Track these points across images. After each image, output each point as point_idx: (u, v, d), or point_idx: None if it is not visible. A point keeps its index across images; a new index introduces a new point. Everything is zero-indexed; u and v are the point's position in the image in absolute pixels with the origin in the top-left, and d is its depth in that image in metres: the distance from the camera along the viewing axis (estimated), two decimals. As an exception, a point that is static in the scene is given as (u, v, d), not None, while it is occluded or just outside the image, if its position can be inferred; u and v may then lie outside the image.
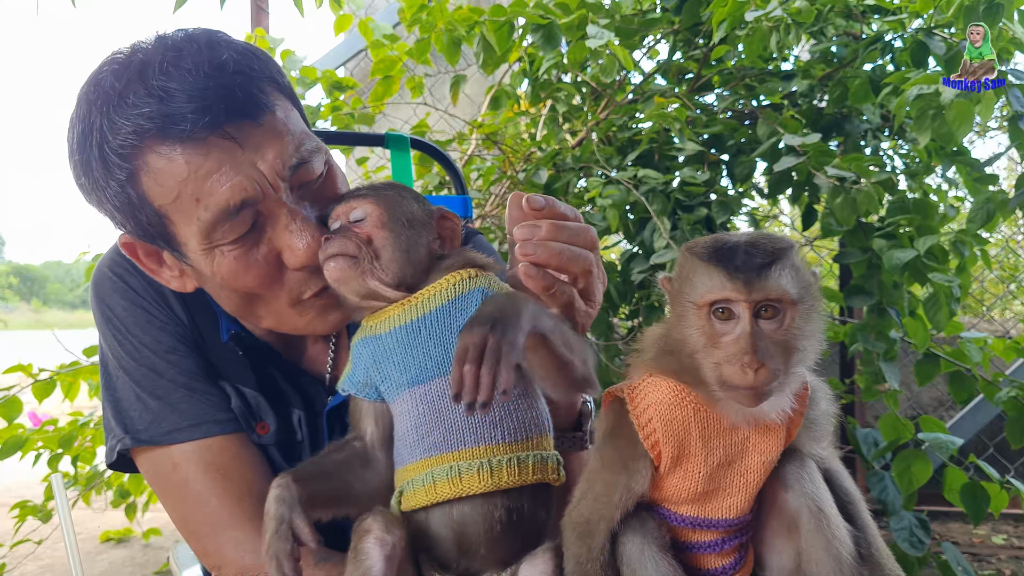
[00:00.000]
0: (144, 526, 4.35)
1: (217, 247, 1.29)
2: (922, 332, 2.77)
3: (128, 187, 1.26)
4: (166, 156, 1.23)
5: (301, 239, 1.28)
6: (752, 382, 1.00)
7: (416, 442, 1.20)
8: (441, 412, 1.18)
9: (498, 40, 2.75)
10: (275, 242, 1.30)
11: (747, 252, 1.02)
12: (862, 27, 3.05)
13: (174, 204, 1.26)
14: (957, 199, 3.27)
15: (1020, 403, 2.65)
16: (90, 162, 1.27)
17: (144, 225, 1.31)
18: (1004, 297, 5.64)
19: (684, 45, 3.29)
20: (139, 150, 1.23)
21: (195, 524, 1.44)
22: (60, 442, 3.42)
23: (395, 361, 1.21)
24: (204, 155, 1.23)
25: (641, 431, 1.10)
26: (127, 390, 1.48)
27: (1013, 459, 4.20)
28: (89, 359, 3.44)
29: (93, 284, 1.55)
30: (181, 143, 1.22)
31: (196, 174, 1.23)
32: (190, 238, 1.29)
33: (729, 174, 3.03)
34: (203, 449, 1.44)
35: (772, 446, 1.09)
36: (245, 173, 1.24)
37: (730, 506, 1.12)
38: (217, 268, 1.31)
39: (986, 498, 2.63)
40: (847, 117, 3.00)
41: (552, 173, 3.00)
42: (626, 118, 3.17)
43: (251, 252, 1.30)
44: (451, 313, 1.21)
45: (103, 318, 1.52)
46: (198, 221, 1.26)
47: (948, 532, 4.21)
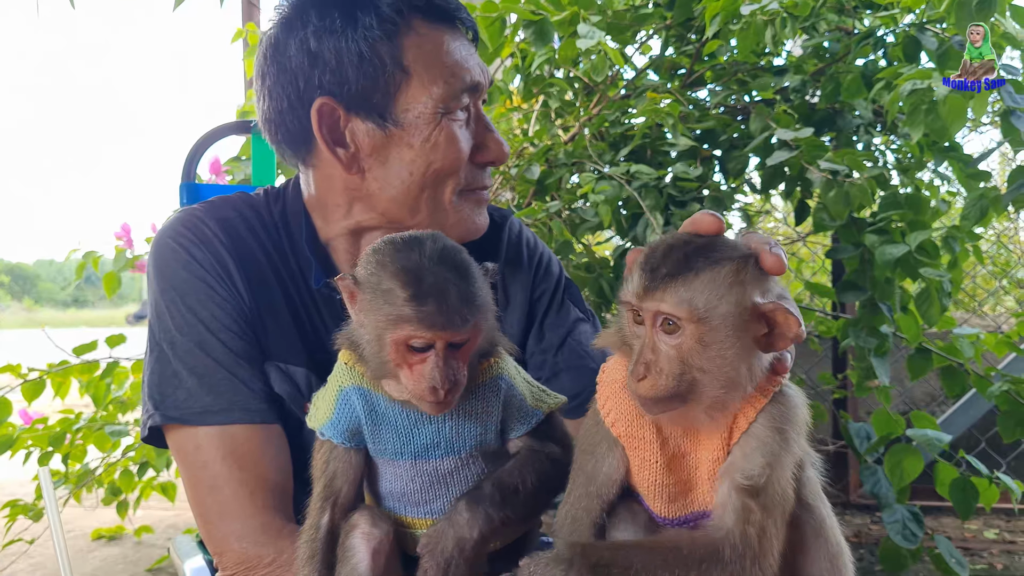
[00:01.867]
0: (136, 524, 4.34)
1: (446, 116, 1.48)
2: (914, 327, 2.78)
3: (382, 43, 1.45)
4: (427, 26, 1.49)
5: (493, 140, 1.56)
6: (636, 388, 1.00)
7: (417, 504, 1.19)
8: (448, 484, 1.18)
9: (490, 36, 2.74)
10: (473, 134, 1.54)
11: (662, 261, 1.00)
12: (854, 22, 3.05)
13: (425, 64, 1.47)
14: (950, 194, 3.27)
15: (1012, 397, 2.66)
16: (352, 17, 1.45)
17: (378, 83, 1.46)
18: (996, 292, 5.65)
19: (676, 40, 3.29)
20: (407, 15, 1.47)
21: (205, 508, 1.44)
22: (50, 440, 3.40)
23: (398, 431, 1.16)
24: (455, 38, 1.52)
25: (602, 409, 1.11)
26: (167, 365, 1.47)
27: (1005, 453, 4.22)
28: (79, 358, 3.43)
29: (153, 253, 1.55)
30: (434, 24, 1.50)
31: (450, 48, 1.50)
32: (423, 102, 1.47)
33: (722, 169, 3.03)
34: (227, 436, 1.43)
35: (715, 443, 1.06)
36: (473, 66, 1.52)
37: (692, 501, 1.09)
38: (435, 136, 1.48)
39: (975, 493, 2.64)
40: (839, 112, 3.00)
41: (544, 169, 2.99)
42: (618, 113, 3.16)
43: (463, 131, 1.52)
44: (471, 398, 1.17)
45: (159, 288, 1.51)
46: (446, 85, 1.47)
47: (941, 527, 4.22)
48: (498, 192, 3.27)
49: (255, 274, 1.53)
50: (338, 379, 1.19)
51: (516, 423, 1.21)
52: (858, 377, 2.82)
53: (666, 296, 0.98)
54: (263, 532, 1.38)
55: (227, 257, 1.52)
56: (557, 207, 2.89)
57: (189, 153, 2.18)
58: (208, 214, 1.57)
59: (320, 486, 1.19)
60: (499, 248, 1.76)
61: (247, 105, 3.49)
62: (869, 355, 2.67)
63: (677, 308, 0.97)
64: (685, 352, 0.99)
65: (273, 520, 1.40)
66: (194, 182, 2.18)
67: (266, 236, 1.60)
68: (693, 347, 0.98)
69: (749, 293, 0.99)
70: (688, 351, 0.99)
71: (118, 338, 3.46)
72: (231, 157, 3.28)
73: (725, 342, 0.98)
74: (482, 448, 1.19)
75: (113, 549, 4.30)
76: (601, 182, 2.71)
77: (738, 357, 0.99)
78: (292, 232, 1.61)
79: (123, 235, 3.66)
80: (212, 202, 1.63)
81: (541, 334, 1.72)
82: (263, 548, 1.37)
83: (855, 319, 2.76)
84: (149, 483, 3.80)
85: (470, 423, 1.17)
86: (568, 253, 2.86)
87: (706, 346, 0.98)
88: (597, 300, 2.85)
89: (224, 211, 1.59)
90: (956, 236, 2.62)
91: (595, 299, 2.84)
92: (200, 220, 1.55)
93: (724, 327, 0.98)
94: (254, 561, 1.37)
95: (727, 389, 1.00)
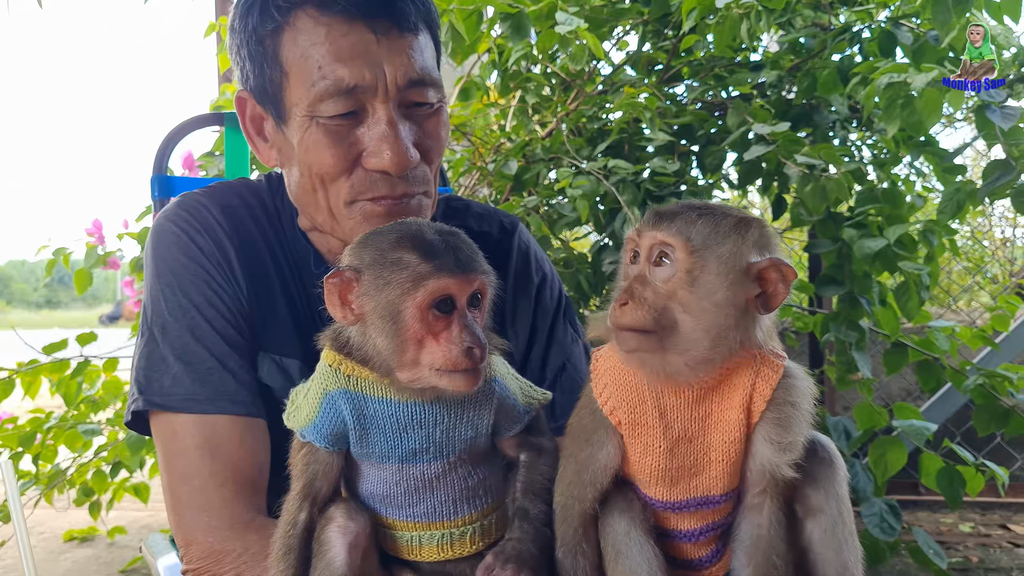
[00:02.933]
0: (109, 525, 4.29)
1: (315, 118, 1.39)
2: (892, 321, 2.79)
3: (270, 38, 1.40)
4: (313, 20, 1.37)
5: (388, 146, 1.38)
6: (616, 317, 1.01)
7: (400, 507, 1.16)
8: (434, 488, 1.15)
9: (467, 29, 2.72)
10: (364, 139, 1.40)
11: (669, 207, 1.04)
12: (830, 18, 3.06)
13: (298, 64, 1.39)
14: (926, 189, 3.30)
15: (987, 391, 2.68)
16: (251, 9, 1.42)
17: (266, 80, 1.43)
18: (970, 288, 5.70)
19: (653, 36, 3.29)
20: (294, 9, 1.38)
21: (175, 498, 1.41)
22: (20, 441, 3.35)
23: (386, 434, 1.12)
24: (344, 33, 1.37)
25: (599, 397, 1.09)
26: (155, 349, 1.45)
27: (980, 447, 4.25)
28: (49, 356, 3.37)
29: (152, 237, 1.54)
30: (331, 15, 1.37)
31: (329, 45, 1.36)
32: (298, 102, 1.39)
33: (699, 165, 3.03)
34: (207, 425, 1.40)
35: (732, 425, 1.06)
36: (369, 63, 1.37)
37: (696, 485, 1.09)
38: (307, 139, 1.40)
39: (962, 482, 2.65)
40: (816, 108, 3.01)
41: (522, 164, 2.98)
42: (596, 109, 3.15)
43: (340, 134, 1.40)
44: (464, 402, 1.13)
45: (155, 272, 1.49)
46: (312, 87, 1.37)
47: (916, 520, 4.25)
48: (475, 188, 3.25)
49: (254, 263, 1.52)
50: (322, 382, 1.14)
51: (508, 424, 1.18)
52: (838, 371, 2.83)
53: (665, 227, 1.01)
54: (231, 526, 1.35)
55: (228, 245, 1.50)
56: (535, 202, 2.88)
57: (161, 145, 2.15)
58: (211, 200, 1.55)
59: (299, 485, 1.16)
60: (508, 258, 1.73)
61: (220, 100, 3.45)
62: (850, 349, 2.68)
63: (673, 237, 1.00)
64: (673, 286, 1.00)
65: (242, 514, 1.37)
66: (166, 175, 2.14)
67: (268, 224, 1.58)
68: (681, 281, 1.00)
69: (747, 249, 1.01)
70: (676, 285, 1.00)
71: (89, 336, 3.41)
72: (204, 152, 3.24)
73: (714, 284, 0.99)
74: (471, 450, 1.16)
75: (86, 551, 4.24)
76: (579, 177, 2.70)
77: (726, 307, 1.00)
78: (292, 220, 1.60)
79: (94, 231, 3.61)
80: (215, 187, 1.62)
81: (544, 356, 1.70)
82: (229, 542, 1.34)
83: (834, 313, 2.76)
84: (122, 484, 3.75)
85: (462, 428, 1.14)
86: (546, 248, 2.84)
87: (694, 281, 0.99)
88: (575, 295, 2.84)
89: (227, 197, 1.58)
90: (933, 230, 2.64)
91: (574, 294, 2.83)
92: (203, 205, 1.54)
93: (715, 269, 0.99)
94: (219, 555, 1.34)
95: (711, 341, 1.00)
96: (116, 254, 3.65)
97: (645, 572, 1.07)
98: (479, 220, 1.76)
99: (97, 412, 3.55)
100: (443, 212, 1.72)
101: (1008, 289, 5.19)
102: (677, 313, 1.00)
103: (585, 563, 1.10)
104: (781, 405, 1.05)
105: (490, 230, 1.75)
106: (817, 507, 1.09)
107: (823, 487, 1.10)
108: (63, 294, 45.24)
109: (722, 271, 0.99)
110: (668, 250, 1.01)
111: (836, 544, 1.09)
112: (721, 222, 1.01)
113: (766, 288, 1.02)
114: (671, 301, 1.00)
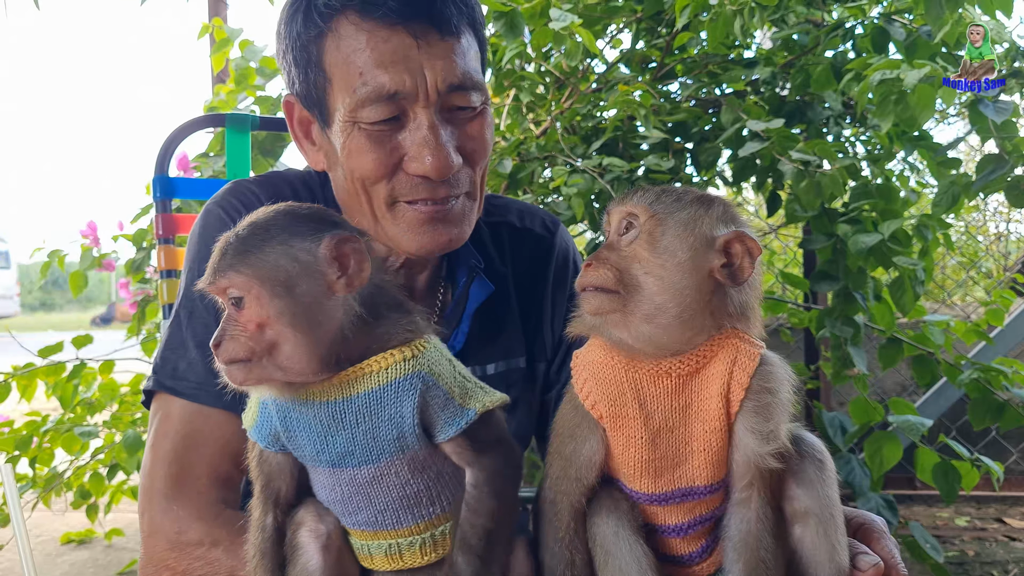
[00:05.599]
0: (106, 527, 4.28)
1: (357, 124, 1.39)
2: (887, 316, 2.80)
3: (313, 44, 1.41)
4: (354, 26, 1.37)
5: (429, 151, 1.37)
6: (580, 278, 1.07)
7: (343, 513, 1.14)
8: (371, 496, 1.11)
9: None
10: (405, 143, 1.40)
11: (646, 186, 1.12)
12: (823, 14, 3.07)
13: (341, 69, 1.39)
14: (920, 184, 3.30)
15: (982, 385, 2.68)
16: (296, 15, 1.43)
17: (311, 85, 1.44)
18: (965, 283, 5.72)
19: (647, 33, 3.29)
20: (336, 15, 1.38)
21: (148, 482, 1.41)
22: (17, 444, 3.34)
23: (311, 437, 1.09)
24: (385, 39, 1.36)
25: (580, 392, 1.11)
26: (178, 332, 1.47)
27: (975, 441, 4.26)
28: (45, 359, 3.36)
29: (199, 220, 1.56)
30: (372, 21, 1.36)
31: (370, 51, 1.36)
32: (341, 107, 1.40)
33: (694, 162, 3.04)
34: (200, 416, 1.41)
35: (712, 414, 1.07)
36: (410, 69, 1.36)
37: (680, 476, 1.10)
38: (349, 144, 1.41)
39: (957, 477, 2.66)
40: (809, 104, 3.02)
41: (516, 163, 2.98)
42: (590, 107, 3.16)
43: (382, 140, 1.39)
44: (382, 399, 1.07)
45: (194, 253, 1.51)
46: (354, 93, 1.37)
47: (912, 515, 4.26)
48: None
49: None
50: None
51: (443, 424, 1.09)
52: (834, 366, 2.83)
53: (631, 200, 1.08)
54: (198, 517, 1.35)
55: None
56: (530, 201, 2.88)
57: (163, 146, 2.14)
58: (262, 188, 1.57)
59: (259, 486, 1.16)
60: (550, 256, 1.77)
61: (215, 101, 3.45)
62: (845, 344, 2.69)
63: (636, 206, 1.07)
64: (635, 247, 1.05)
65: (209, 508, 1.37)
66: (168, 175, 2.14)
67: None
68: (643, 242, 1.05)
69: (710, 220, 1.06)
70: (638, 246, 1.05)
71: (85, 339, 3.40)
72: (199, 153, 3.23)
73: (674, 245, 1.04)
74: (406, 455, 1.09)
75: (83, 553, 4.23)
76: (573, 175, 2.71)
77: (688, 271, 1.04)
78: None
79: (89, 233, 3.60)
80: (268, 176, 1.65)
81: (564, 365, 1.68)
82: (191, 534, 1.34)
83: (830, 308, 2.77)
84: (119, 487, 3.75)
85: (384, 427, 1.08)
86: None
87: (655, 243, 1.04)
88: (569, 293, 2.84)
89: (279, 187, 1.59)
90: (928, 224, 2.64)
91: (569, 292, 2.83)
92: (252, 193, 1.55)
93: (675, 232, 1.05)
94: (182, 546, 1.34)
95: (677, 307, 1.04)
96: (110, 256, 3.65)
97: (635, 571, 1.08)
98: (520, 217, 1.79)
99: (94, 414, 3.54)
100: (485, 210, 1.70)
101: (1002, 283, 5.19)
102: (639, 273, 1.04)
103: (578, 558, 1.11)
104: (759, 393, 1.07)
105: (532, 227, 1.78)
106: (806, 509, 1.10)
107: (813, 487, 1.10)
108: (58, 296, 45.05)
109: (681, 234, 1.05)
110: (632, 219, 1.07)
111: (828, 546, 1.09)
112: (684, 196, 1.08)
113: (732, 260, 1.05)
114: (633, 262, 1.05)
